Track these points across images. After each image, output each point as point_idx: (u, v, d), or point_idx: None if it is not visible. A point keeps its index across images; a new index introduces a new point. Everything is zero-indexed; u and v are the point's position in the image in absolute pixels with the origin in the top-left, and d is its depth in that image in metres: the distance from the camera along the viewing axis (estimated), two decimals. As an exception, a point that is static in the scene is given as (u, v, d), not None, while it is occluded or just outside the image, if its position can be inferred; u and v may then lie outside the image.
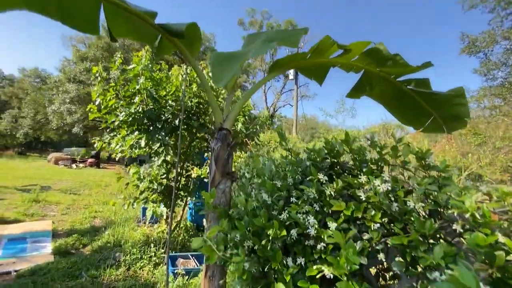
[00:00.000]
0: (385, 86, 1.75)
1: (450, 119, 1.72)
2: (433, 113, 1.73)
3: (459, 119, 1.71)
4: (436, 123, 1.79)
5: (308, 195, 1.20)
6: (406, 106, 1.81)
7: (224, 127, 1.45)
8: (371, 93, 1.90)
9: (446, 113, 1.68)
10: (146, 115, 4.10)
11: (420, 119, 1.82)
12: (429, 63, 1.48)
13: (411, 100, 1.73)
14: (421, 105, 1.72)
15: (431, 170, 1.17)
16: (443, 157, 5.19)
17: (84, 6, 1.16)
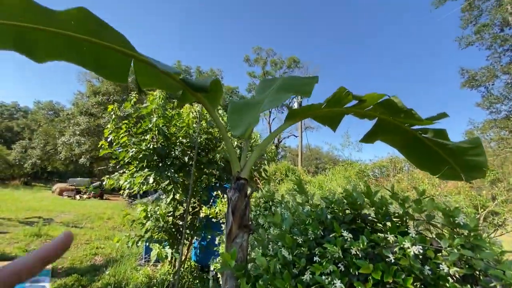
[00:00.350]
0: (399, 133, 1.75)
1: (468, 169, 1.69)
2: (450, 162, 1.70)
3: (477, 169, 1.68)
4: (453, 171, 1.75)
5: (332, 254, 1.14)
6: (421, 153, 1.80)
7: (242, 176, 1.44)
8: (385, 139, 1.91)
9: (463, 162, 1.66)
10: (156, 152, 4.15)
11: (437, 166, 1.79)
12: (445, 114, 1.50)
13: (426, 148, 1.72)
14: (438, 153, 1.70)
15: (460, 229, 1.12)
16: (456, 194, 5.03)
17: (117, 61, 1.25)
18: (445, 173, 1.83)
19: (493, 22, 15.82)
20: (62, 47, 1.20)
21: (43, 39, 1.15)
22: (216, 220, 3.32)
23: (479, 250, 1.02)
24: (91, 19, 1.06)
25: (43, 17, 1.04)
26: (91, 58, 1.27)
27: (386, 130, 1.78)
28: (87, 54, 1.25)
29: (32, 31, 1.11)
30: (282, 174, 13.56)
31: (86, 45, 1.20)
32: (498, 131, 15.58)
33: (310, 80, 1.75)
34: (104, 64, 1.30)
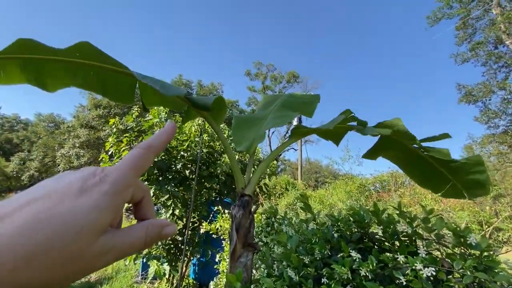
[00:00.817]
0: (401, 151, 1.76)
1: (470, 186, 1.68)
2: (452, 180, 1.69)
3: (480, 186, 1.67)
4: (456, 189, 1.74)
5: (340, 275, 1.11)
6: (423, 171, 1.79)
7: (246, 193, 1.42)
8: (387, 155, 1.91)
9: (465, 180, 1.65)
10: (157, 166, 4.12)
11: (439, 184, 1.78)
12: (447, 135, 1.50)
13: (428, 166, 1.72)
14: (440, 171, 1.70)
15: (471, 249, 1.09)
16: (460, 210, 4.97)
17: (123, 84, 1.27)
18: (447, 191, 1.81)
19: (487, 40, 16.27)
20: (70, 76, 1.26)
21: (51, 71, 1.21)
22: (216, 236, 3.25)
23: (493, 272, 0.99)
24: (94, 52, 1.10)
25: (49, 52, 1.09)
26: (98, 83, 1.32)
27: (388, 147, 1.78)
28: (94, 80, 1.30)
29: (40, 65, 1.18)
30: (282, 188, 13.45)
31: (93, 71, 1.24)
32: (497, 146, 15.64)
33: (313, 98, 1.77)
34: (110, 88, 1.34)
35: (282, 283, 1.15)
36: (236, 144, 1.51)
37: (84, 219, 0.26)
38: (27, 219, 0.24)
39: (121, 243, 0.29)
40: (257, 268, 1.54)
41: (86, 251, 0.26)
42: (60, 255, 0.24)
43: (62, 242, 0.24)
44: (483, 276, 0.92)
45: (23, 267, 0.23)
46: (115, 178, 0.29)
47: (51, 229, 0.24)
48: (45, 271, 0.24)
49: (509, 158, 14.10)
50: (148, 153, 0.33)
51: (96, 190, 0.28)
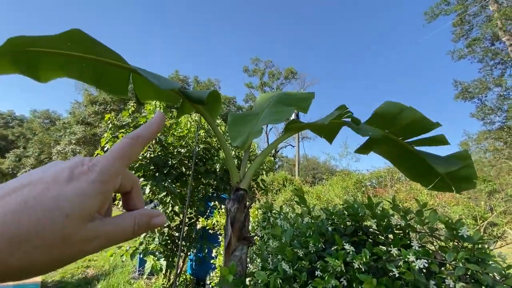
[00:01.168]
0: (393, 146, 1.77)
1: (457, 180, 1.72)
2: (440, 173, 1.72)
3: (467, 180, 1.70)
4: (444, 182, 1.77)
5: (334, 268, 1.11)
6: (413, 164, 1.81)
7: (241, 187, 1.42)
8: (379, 150, 1.92)
9: (453, 174, 1.68)
10: (153, 161, 4.10)
11: (428, 177, 1.81)
12: (438, 124, 1.51)
13: (418, 160, 1.74)
14: (429, 165, 1.72)
15: (464, 242, 1.10)
16: (455, 204, 5.03)
17: (116, 76, 1.26)
18: (436, 185, 1.84)
19: (484, 37, 16.31)
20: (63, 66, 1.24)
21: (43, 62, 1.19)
22: (213, 232, 3.26)
23: (485, 264, 1.00)
24: (85, 39, 1.08)
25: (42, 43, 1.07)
26: (90, 74, 1.30)
27: (381, 142, 1.79)
28: (87, 71, 1.28)
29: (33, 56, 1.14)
30: (280, 184, 13.50)
31: (86, 62, 1.22)
32: (493, 142, 15.79)
33: (307, 95, 1.76)
34: (104, 79, 1.32)
35: (276, 276, 1.16)
36: (232, 140, 1.50)
37: (71, 206, 0.26)
38: (13, 205, 0.24)
39: (109, 230, 0.29)
40: (253, 262, 1.54)
41: (73, 237, 0.26)
42: (46, 241, 0.25)
43: (49, 228, 0.25)
44: (475, 268, 0.93)
45: (8, 252, 0.23)
46: (103, 167, 0.30)
47: (37, 215, 0.25)
48: (31, 256, 0.24)
49: (504, 154, 14.25)
50: (136, 143, 0.33)
51: (83, 179, 0.28)
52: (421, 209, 1.25)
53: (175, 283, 2.64)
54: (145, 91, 1.36)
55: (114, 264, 6.44)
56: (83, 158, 0.31)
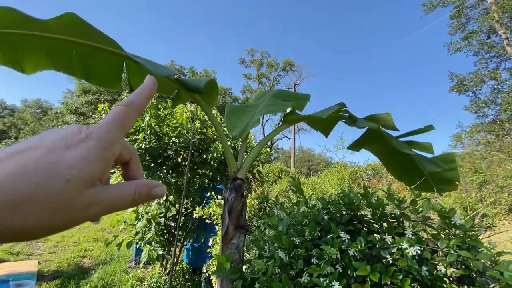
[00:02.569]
0: (383, 145, 1.80)
1: (441, 182, 1.77)
2: (425, 174, 1.75)
3: (450, 182, 1.76)
4: (427, 183, 1.82)
5: (329, 255, 1.13)
6: (401, 164, 1.85)
7: (238, 176, 1.42)
8: (370, 148, 1.95)
9: (437, 175, 1.72)
10: (149, 152, 4.07)
11: (412, 177, 1.86)
12: (431, 127, 1.53)
13: (407, 159, 1.77)
14: (415, 165, 1.75)
15: (456, 229, 1.13)
16: (446, 196, 5.13)
17: (108, 65, 1.22)
18: (419, 185, 1.89)
19: (480, 29, 16.31)
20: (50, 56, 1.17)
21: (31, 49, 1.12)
22: (209, 221, 3.28)
23: (476, 251, 1.03)
24: (79, 24, 1.03)
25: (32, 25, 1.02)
26: (81, 65, 1.23)
27: (372, 140, 1.82)
28: (77, 60, 1.21)
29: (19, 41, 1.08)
30: (275, 176, 13.59)
31: (76, 50, 1.17)
32: (485, 135, 16.02)
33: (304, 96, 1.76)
34: (95, 71, 1.26)
35: (274, 264, 1.17)
36: (229, 130, 1.49)
37: (71, 170, 0.27)
38: (12, 168, 0.25)
39: (109, 196, 0.30)
40: (249, 250, 1.56)
41: (73, 202, 0.27)
42: (46, 205, 0.25)
43: (49, 192, 0.25)
44: (466, 254, 0.96)
45: (8, 214, 0.24)
46: (101, 134, 0.29)
47: (37, 179, 0.25)
48: (30, 218, 0.25)
49: (495, 147, 14.50)
50: (130, 110, 0.33)
51: (83, 145, 0.28)
52: (415, 198, 1.28)
53: (171, 272, 2.66)
54: (139, 80, 1.32)
55: (111, 254, 6.47)
56: (81, 126, 0.31)
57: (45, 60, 1.18)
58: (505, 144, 13.57)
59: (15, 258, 5.99)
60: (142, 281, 4.53)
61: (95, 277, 4.95)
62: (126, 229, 4.31)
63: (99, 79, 1.22)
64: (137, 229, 4.08)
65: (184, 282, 4.61)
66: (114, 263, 5.73)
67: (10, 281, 4.74)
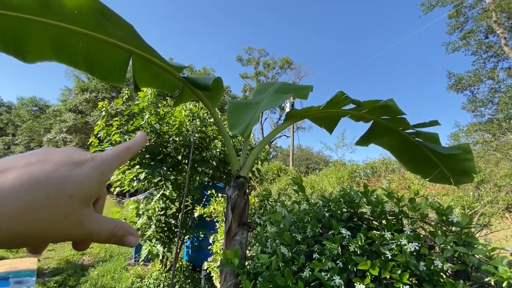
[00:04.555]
0: (393, 136, 1.80)
1: (456, 173, 1.76)
2: (441, 166, 1.76)
3: (466, 174, 1.74)
4: (443, 175, 1.81)
5: (330, 251, 1.17)
6: (414, 156, 1.85)
7: (241, 174, 1.45)
8: (379, 142, 1.95)
9: (453, 167, 1.72)
10: (149, 150, 4.09)
11: (428, 169, 1.85)
12: (436, 122, 1.55)
13: (419, 151, 1.77)
14: (429, 157, 1.76)
15: (453, 226, 1.16)
16: (445, 194, 5.19)
17: (114, 59, 1.22)
18: (435, 177, 1.88)
19: (478, 29, 16.37)
20: (55, 45, 1.13)
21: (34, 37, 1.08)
22: (209, 219, 3.31)
23: (471, 247, 1.07)
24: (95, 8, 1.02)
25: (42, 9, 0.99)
26: (85, 58, 1.20)
27: (381, 133, 1.82)
28: (82, 53, 1.18)
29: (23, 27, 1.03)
30: (274, 174, 13.63)
31: (83, 41, 1.15)
32: (482, 134, 16.13)
33: (306, 87, 1.78)
34: (99, 64, 1.24)
35: (277, 259, 1.21)
36: (231, 128, 1.52)
37: (77, 187, 0.29)
38: (26, 178, 0.26)
39: (92, 224, 0.31)
40: (251, 247, 1.59)
41: (72, 217, 0.28)
42: (52, 215, 0.27)
43: (56, 203, 0.27)
44: (462, 250, 0.99)
45: (19, 220, 0.25)
46: (103, 159, 0.33)
47: (47, 190, 0.27)
48: (38, 226, 0.26)
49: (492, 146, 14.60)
50: (128, 152, 0.37)
51: (87, 165, 0.31)
52: (413, 196, 1.31)
53: (173, 269, 2.69)
54: (143, 77, 1.34)
55: (110, 251, 6.50)
56: (82, 150, 0.34)
57: (49, 51, 1.14)
58: (501, 143, 13.68)
59: (14, 256, 5.99)
60: (142, 278, 4.56)
61: (95, 274, 4.98)
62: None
63: (103, 74, 1.22)
64: (137, 226, 4.10)
65: (184, 279, 4.65)
66: (114, 260, 5.76)
67: (10, 278, 4.75)
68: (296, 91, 1.72)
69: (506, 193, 4.86)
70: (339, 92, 1.44)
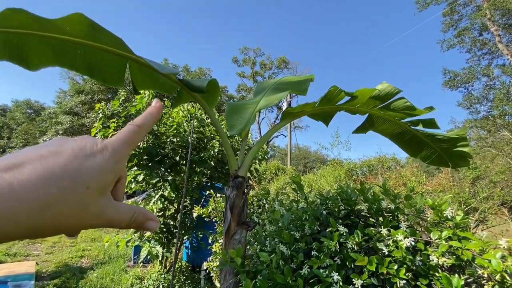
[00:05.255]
0: (390, 125, 1.85)
1: (454, 157, 1.83)
2: (438, 150, 1.82)
3: (462, 158, 1.81)
4: (441, 158, 1.88)
5: (328, 248, 1.18)
6: (411, 141, 1.91)
7: (239, 174, 1.46)
8: (376, 129, 2.00)
9: (450, 151, 1.78)
10: (147, 151, 4.09)
11: (426, 153, 1.92)
12: (432, 108, 1.58)
13: (416, 138, 1.83)
14: (426, 142, 1.81)
15: (448, 222, 1.19)
16: (441, 191, 5.24)
17: (112, 64, 1.24)
18: (434, 161, 1.96)
19: (472, 26, 16.53)
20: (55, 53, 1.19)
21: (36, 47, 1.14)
22: (208, 220, 3.32)
23: (466, 242, 1.09)
24: (86, 24, 1.06)
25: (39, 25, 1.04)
26: (85, 63, 1.25)
27: (376, 124, 1.88)
28: (81, 59, 1.24)
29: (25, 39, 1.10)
30: (272, 174, 13.66)
31: (81, 49, 1.20)
32: (478, 131, 16.28)
33: (305, 79, 1.80)
34: (98, 68, 1.28)
35: (276, 257, 1.22)
36: (230, 128, 1.53)
37: (92, 178, 0.29)
38: (41, 171, 0.26)
39: (111, 213, 0.32)
40: (250, 246, 1.61)
41: (89, 208, 0.29)
42: (69, 208, 0.27)
43: (72, 196, 0.27)
44: (456, 244, 1.02)
45: (38, 213, 0.25)
46: (115, 147, 0.32)
47: (63, 183, 0.27)
48: (56, 219, 0.27)
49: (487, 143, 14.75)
50: (141, 130, 0.36)
51: (100, 156, 0.30)
52: (409, 193, 1.33)
53: (173, 270, 2.70)
54: (141, 79, 1.35)
55: (109, 253, 6.48)
56: (95, 138, 0.33)
57: (50, 58, 1.21)
58: (497, 139, 13.82)
59: (12, 259, 5.95)
60: (141, 279, 4.56)
61: (94, 276, 4.96)
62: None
63: (103, 76, 1.25)
64: (136, 228, 4.09)
65: (184, 280, 4.65)
66: (113, 262, 5.74)
67: (9, 282, 4.72)
68: (294, 87, 1.73)
69: (501, 188, 4.92)
70: (333, 87, 1.46)
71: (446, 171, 5.90)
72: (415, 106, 1.62)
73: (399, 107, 1.66)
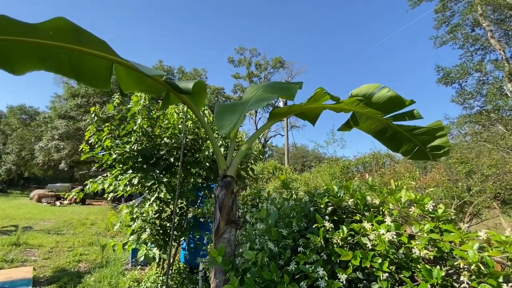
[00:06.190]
0: (373, 122, 1.89)
1: (433, 149, 1.87)
2: (419, 144, 1.86)
3: (441, 148, 1.86)
4: (421, 151, 1.93)
5: (314, 244, 1.21)
6: (393, 137, 1.96)
7: (228, 174, 1.48)
8: (360, 127, 2.04)
9: (429, 143, 1.82)
10: (141, 153, 4.09)
11: (407, 147, 1.96)
12: (412, 101, 1.63)
13: (397, 134, 1.87)
14: (406, 137, 1.86)
15: (430, 215, 1.22)
16: (435, 186, 5.30)
17: (98, 67, 1.25)
18: (415, 154, 2.01)
19: (464, 22, 16.68)
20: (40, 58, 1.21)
21: (20, 52, 1.16)
22: (204, 220, 3.34)
23: (447, 234, 1.12)
24: (70, 28, 1.07)
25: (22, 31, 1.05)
26: (71, 66, 1.27)
27: (360, 121, 1.92)
28: (67, 63, 1.25)
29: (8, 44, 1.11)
30: (270, 173, 13.68)
31: (65, 53, 1.21)
32: (472, 126, 16.43)
33: (294, 85, 1.83)
34: (84, 72, 1.30)
35: (263, 254, 1.24)
36: (219, 129, 1.55)
37: None
38: None
39: None
40: (241, 245, 1.63)
41: None
42: None
43: None
44: (435, 237, 1.04)
45: None
46: None
47: None
48: None
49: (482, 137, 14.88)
50: None
51: None
52: (394, 188, 1.36)
53: (167, 272, 2.71)
54: (127, 82, 1.37)
55: (107, 257, 6.46)
56: None
57: (35, 62, 1.22)
58: (492, 134, 13.96)
59: (9, 265, 5.92)
60: (139, 282, 4.56)
61: (91, 280, 4.95)
62: (122, 231, 4.32)
63: (89, 80, 1.27)
64: (132, 229, 4.09)
65: (182, 281, 4.66)
66: (110, 266, 5.73)
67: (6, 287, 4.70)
68: (282, 91, 1.76)
69: (493, 182, 4.98)
70: (319, 89, 1.49)
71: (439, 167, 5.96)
72: (398, 94, 1.66)
73: (383, 98, 1.69)
